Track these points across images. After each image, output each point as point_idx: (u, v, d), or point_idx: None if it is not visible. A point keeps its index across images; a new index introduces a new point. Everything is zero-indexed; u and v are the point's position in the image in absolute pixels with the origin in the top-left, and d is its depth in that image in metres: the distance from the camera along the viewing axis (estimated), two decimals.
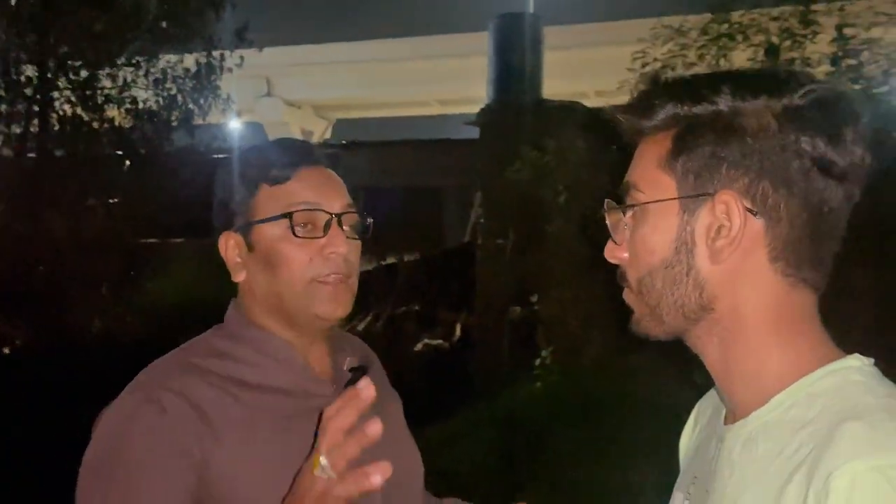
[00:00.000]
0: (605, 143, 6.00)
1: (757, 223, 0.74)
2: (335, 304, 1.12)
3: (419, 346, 8.10)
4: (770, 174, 0.73)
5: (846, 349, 0.77)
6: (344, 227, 1.13)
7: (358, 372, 1.17)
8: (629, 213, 0.81)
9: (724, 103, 0.74)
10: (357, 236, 1.17)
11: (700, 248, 0.76)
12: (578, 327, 5.63)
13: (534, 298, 6.31)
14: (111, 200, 8.87)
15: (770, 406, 0.74)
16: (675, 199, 0.77)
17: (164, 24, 8.59)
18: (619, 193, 0.84)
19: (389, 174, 12.86)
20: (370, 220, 1.21)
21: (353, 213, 1.16)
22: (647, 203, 0.79)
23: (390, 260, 10.40)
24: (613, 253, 0.84)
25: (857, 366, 0.74)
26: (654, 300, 0.80)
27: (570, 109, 6.93)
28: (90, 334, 8.54)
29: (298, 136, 24.16)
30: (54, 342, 7.92)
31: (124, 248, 9.30)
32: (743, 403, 0.78)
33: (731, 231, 0.74)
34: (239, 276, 1.15)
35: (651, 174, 0.79)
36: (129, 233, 9.10)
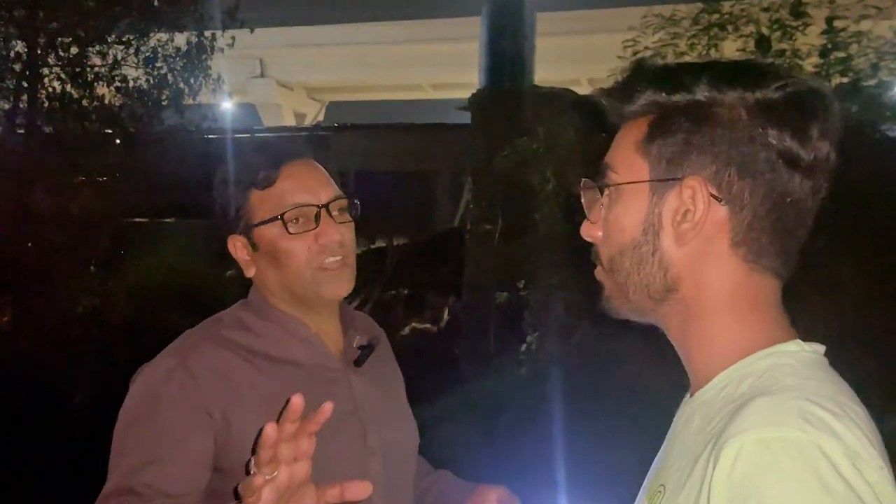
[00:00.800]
0: (594, 130, 6.01)
1: (722, 209, 0.77)
2: (338, 285, 1.27)
3: (407, 331, 8.13)
4: (737, 163, 0.76)
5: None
6: (333, 213, 1.27)
7: (367, 349, 1.33)
8: (604, 193, 0.84)
9: (701, 93, 0.77)
10: (348, 218, 1.31)
11: (666, 231, 0.80)
12: (564, 313, 5.66)
13: (521, 284, 6.34)
14: (100, 179, 8.81)
15: (711, 384, 0.79)
16: (646, 181, 0.80)
17: (155, 2, 8.50)
18: (596, 174, 0.87)
19: (381, 157, 12.83)
20: (357, 202, 1.32)
21: (341, 199, 1.29)
22: (621, 184, 0.82)
23: (379, 244, 10.40)
24: (589, 231, 0.87)
25: (794, 350, 0.77)
26: (623, 278, 0.83)
27: (560, 96, 6.93)
28: (76, 313, 8.51)
29: (291, 118, 24.06)
30: (40, 320, 7.90)
31: (113, 227, 9.26)
32: (696, 381, 0.82)
33: (695, 215, 0.77)
34: (250, 272, 1.31)
35: (627, 157, 0.82)
36: (118, 212, 9.04)
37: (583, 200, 0.88)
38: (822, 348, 0.80)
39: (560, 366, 5.49)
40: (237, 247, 1.31)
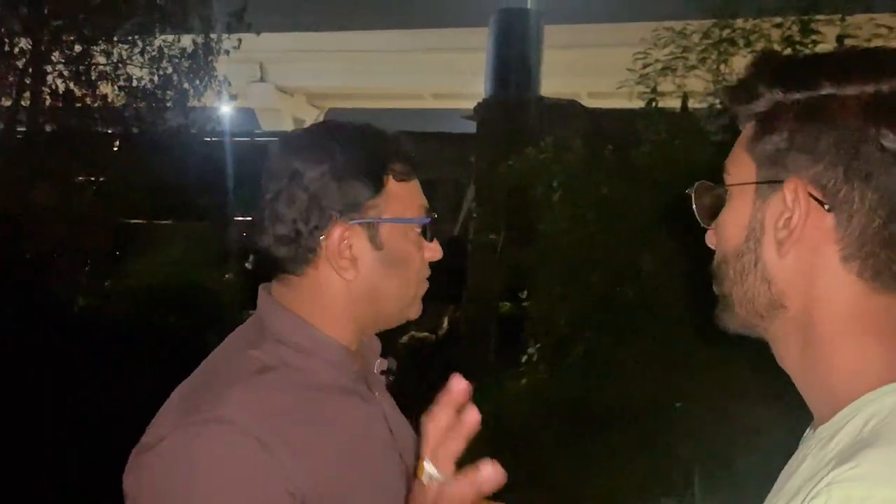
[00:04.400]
0: (601, 143, 6.02)
1: (827, 217, 0.69)
2: (418, 307, 1.13)
3: (405, 338, 8.09)
4: (845, 165, 0.68)
5: None
6: None
7: (388, 374, 1.19)
8: (717, 195, 0.79)
9: (820, 88, 0.71)
10: None
11: (768, 238, 0.73)
12: (566, 325, 5.64)
13: (523, 294, 6.32)
14: (100, 178, 8.78)
15: (833, 421, 0.70)
16: (751, 183, 0.74)
17: (161, 2, 8.50)
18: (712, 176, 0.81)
19: None
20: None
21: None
22: (728, 186, 0.77)
23: None
24: (709, 238, 0.81)
25: None
26: (727, 288, 0.78)
27: (567, 108, 6.94)
28: (72, 311, 8.46)
29: (290, 123, 24.08)
30: (37, 318, 7.84)
31: (111, 227, 9.22)
32: (818, 412, 0.74)
33: (792, 220, 0.70)
34: (350, 275, 1.04)
35: (737, 157, 0.77)
36: (117, 212, 9.01)
37: (694, 204, 0.81)
38: None
39: (561, 378, 5.45)
40: (350, 239, 1.03)
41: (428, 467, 0.80)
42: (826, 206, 0.69)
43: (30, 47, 8.31)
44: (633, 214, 4.96)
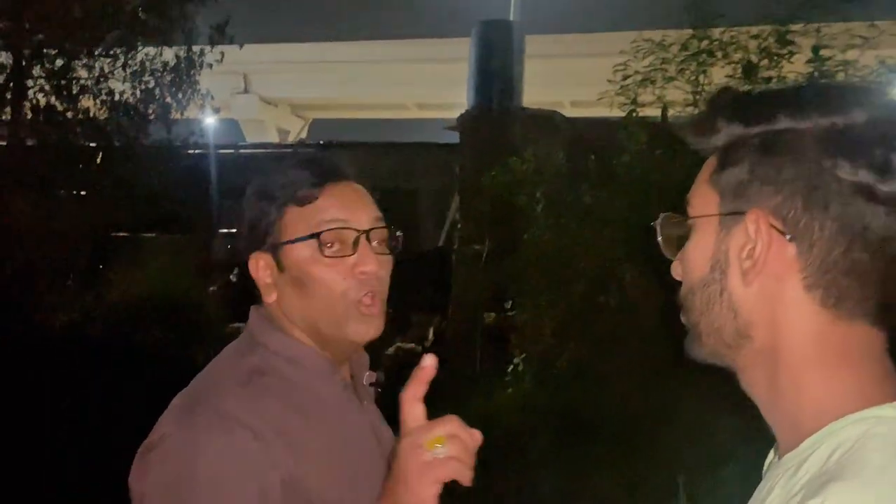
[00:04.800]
0: (583, 152, 6.07)
1: (789, 247, 0.71)
2: (368, 327, 1.12)
3: (392, 350, 8.08)
4: (804, 195, 0.70)
5: None
6: (373, 243, 1.14)
7: (377, 385, 1.23)
8: (682, 227, 0.80)
9: (779, 122, 0.73)
10: (388, 251, 1.18)
11: (733, 269, 0.74)
12: (552, 335, 5.66)
13: (508, 305, 6.34)
14: (83, 192, 8.72)
15: (798, 450, 0.71)
16: (714, 215, 0.76)
17: (143, 16, 8.48)
18: (678, 208, 0.83)
19: (366, 176, 12.74)
20: (399, 234, 1.21)
21: (383, 227, 1.17)
22: (692, 218, 0.79)
23: None
24: (674, 269, 0.83)
25: (890, 416, 0.67)
26: (695, 318, 0.79)
27: (550, 118, 6.98)
28: (55, 327, 8.38)
29: (274, 134, 24.03)
30: (18, 334, 7.76)
31: (94, 241, 9.15)
32: (783, 440, 0.75)
33: (756, 251, 0.72)
34: (270, 297, 1.13)
35: (701, 189, 0.79)
36: (100, 226, 8.95)
37: (659, 236, 0.83)
38: None
39: (547, 388, 5.47)
40: (260, 266, 1.13)
41: (440, 448, 0.93)
42: (788, 236, 0.71)
43: (10, 62, 8.27)
44: (615, 223, 5.00)
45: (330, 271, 1.10)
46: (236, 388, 1.05)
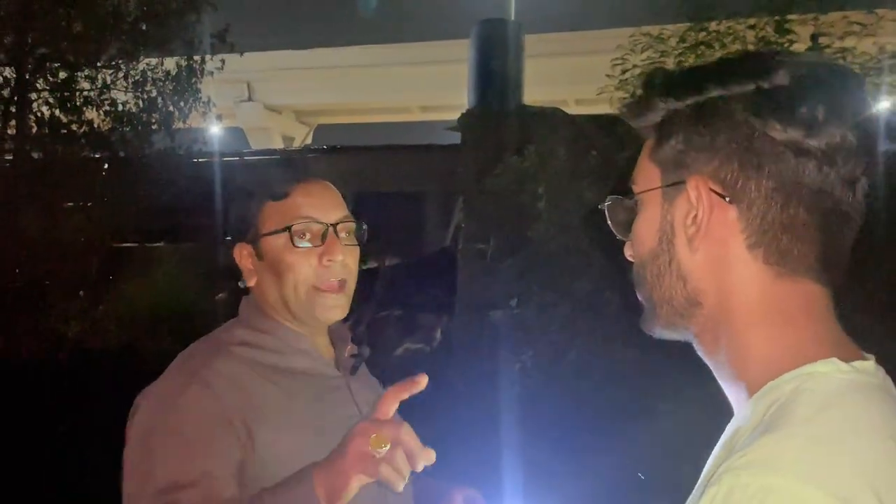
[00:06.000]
0: (585, 149, 6.06)
1: (731, 210, 0.73)
2: (333, 309, 1.30)
3: (400, 351, 8.09)
4: (738, 158, 0.72)
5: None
6: (341, 235, 1.31)
7: (358, 357, 1.39)
8: (628, 206, 0.83)
9: (710, 92, 0.75)
10: (355, 242, 1.35)
11: (679, 238, 0.76)
12: (559, 332, 5.65)
13: (514, 303, 6.33)
14: (89, 203, 8.77)
15: (742, 410, 0.73)
16: (657, 188, 0.78)
17: (144, 27, 8.53)
18: (622, 191, 0.85)
19: (371, 179, 12.83)
20: (366, 227, 1.37)
21: (349, 221, 1.33)
22: (639, 194, 0.81)
23: (371, 265, 10.37)
24: (627, 251, 0.85)
25: (824, 371, 0.69)
26: (647, 292, 0.81)
27: (550, 115, 6.96)
28: (67, 338, 8.43)
29: (279, 141, 24.09)
30: (30, 347, 7.81)
31: (102, 252, 9.20)
32: (734, 404, 0.77)
33: (698, 216, 0.74)
34: (251, 281, 1.34)
35: (643, 166, 0.81)
36: (108, 236, 9.00)
37: (608, 219, 0.85)
38: (870, 366, 0.71)
39: (554, 385, 5.47)
40: (243, 255, 1.34)
41: (382, 449, 1.03)
42: (727, 199, 0.73)
43: (14, 76, 8.33)
44: None
45: (300, 259, 1.28)
46: (204, 354, 1.25)
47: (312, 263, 1.28)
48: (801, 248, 0.72)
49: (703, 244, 0.75)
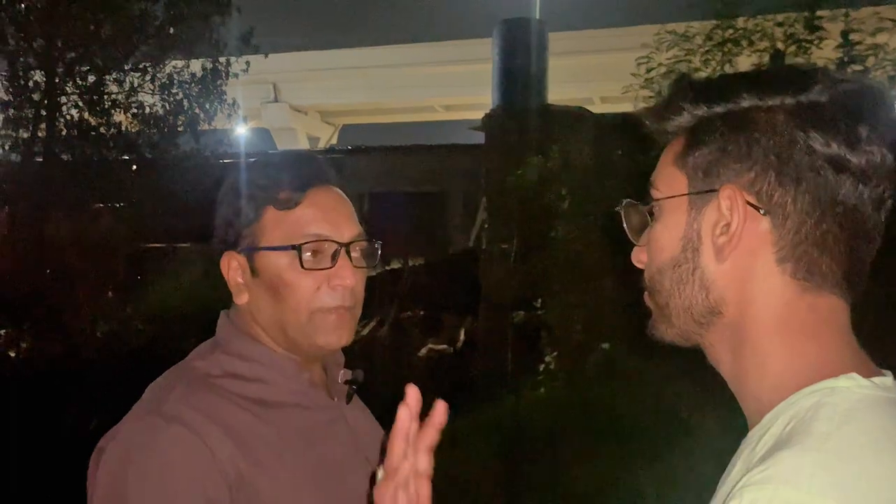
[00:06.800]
0: (610, 148, 6.02)
1: (763, 220, 0.72)
2: (338, 335, 1.11)
3: (423, 351, 8.09)
4: (776, 169, 0.71)
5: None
6: (352, 255, 1.12)
7: (352, 384, 1.21)
8: (647, 212, 0.81)
9: (742, 101, 0.74)
10: (365, 264, 1.16)
11: (706, 247, 0.75)
12: (582, 333, 5.62)
13: (538, 303, 6.31)
14: (117, 205, 8.90)
15: (761, 424, 0.72)
16: (684, 195, 0.77)
17: (170, 30, 8.64)
18: (641, 194, 0.83)
19: (395, 179, 12.88)
20: (378, 246, 1.18)
21: (363, 240, 1.15)
22: (659, 199, 0.79)
23: (395, 265, 10.40)
24: (637, 256, 0.83)
25: (844, 387, 0.68)
26: (663, 300, 0.79)
27: (574, 114, 6.93)
28: (95, 338, 8.56)
29: (305, 141, 24.25)
30: (60, 346, 7.94)
31: (130, 253, 9.34)
32: (749, 417, 0.75)
33: (731, 227, 0.72)
34: (241, 299, 1.13)
35: (666, 172, 0.79)
36: (136, 237, 9.12)
37: (624, 224, 0.83)
38: (889, 381, 0.71)
39: (578, 386, 5.43)
40: (232, 267, 1.13)
41: (380, 472, 0.91)
42: (762, 211, 0.72)
43: (44, 79, 8.48)
44: None
45: (305, 281, 1.09)
46: (181, 389, 1.05)
47: (320, 286, 1.09)
48: (830, 263, 0.72)
49: (732, 255, 0.74)
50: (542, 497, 4.28)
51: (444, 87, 22.23)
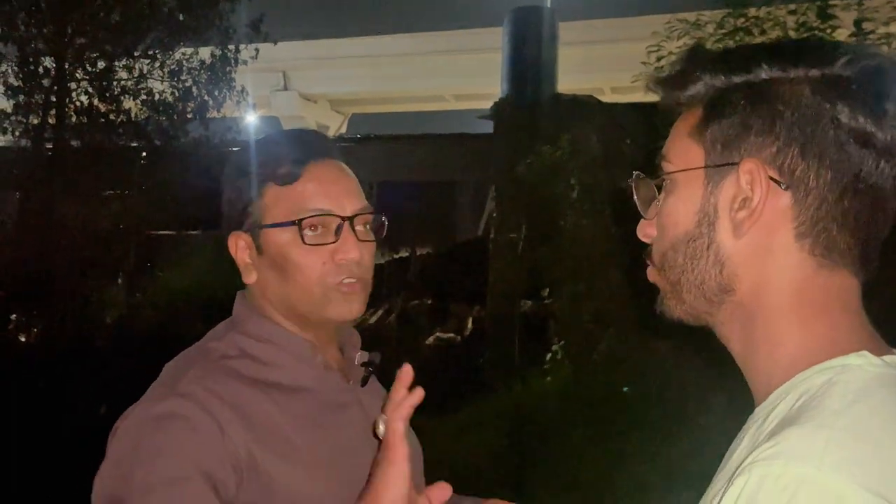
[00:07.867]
0: (619, 138, 5.99)
1: (784, 195, 0.70)
2: (348, 307, 1.11)
3: (431, 340, 8.12)
4: (800, 143, 0.69)
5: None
6: (357, 228, 1.11)
7: (368, 366, 1.20)
8: (659, 186, 0.78)
9: (762, 72, 0.72)
10: (371, 236, 1.15)
11: (723, 221, 0.73)
12: (590, 322, 5.62)
13: (545, 293, 6.31)
14: (127, 192, 8.93)
15: (769, 400, 0.71)
16: (700, 168, 0.74)
17: (180, 16, 8.63)
18: (651, 167, 0.81)
19: (404, 168, 12.86)
20: (384, 219, 1.17)
21: (368, 213, 1.14)
22: (674, 173, 0.77)
23: (403, 253, 10.41)
24: (644, 230, 0.81)
25: (857, 364, 0.67)
26: (675, 276, 0.77)
27: (584, 104, 6.90)
28: (105, 324, 8.62)
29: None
30: (70, 332, 8.00)
31: (140, 240, 9.38)
32: (757, 394, 0.74)
33: (752, 202, 0.70)
34: (250, 278, 1.13)
35: (681, 144, 0.77)
36: (145, 224, 9.16)
37: (635, 197, 0.81)
38: None
39: (585, 375, 5.44)
40: (239, 246, 1.13)
41: (380, 422, 0.94)
42: (783, 185, 0.70)
43: (54, 66, 8.49)
44: None
45: (310, 258, 1.09)
46: (197, 370, 1.05)
47: (325, 261, 1.08)
48: (848, 240, 0.70)
49: (750, 230, 0.72)
50: (550, 484, 4.29)
51: (455, 77, 22.15)
